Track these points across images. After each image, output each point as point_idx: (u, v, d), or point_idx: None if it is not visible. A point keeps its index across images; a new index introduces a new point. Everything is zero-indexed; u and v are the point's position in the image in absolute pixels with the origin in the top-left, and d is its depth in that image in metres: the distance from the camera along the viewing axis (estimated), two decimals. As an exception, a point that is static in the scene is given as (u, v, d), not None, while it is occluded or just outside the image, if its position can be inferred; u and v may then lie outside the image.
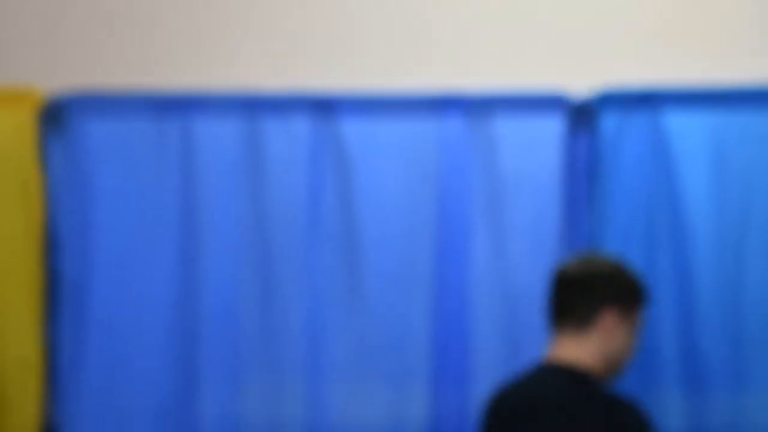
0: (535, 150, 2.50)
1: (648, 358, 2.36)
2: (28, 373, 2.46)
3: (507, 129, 2.51)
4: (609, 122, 2.44)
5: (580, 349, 1.96)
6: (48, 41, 2.57)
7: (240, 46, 2.64)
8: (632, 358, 2.03)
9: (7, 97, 2.46)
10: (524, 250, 2.47)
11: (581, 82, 2.55)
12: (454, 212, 2.51)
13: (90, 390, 2.50)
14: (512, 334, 2.47)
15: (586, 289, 1.97)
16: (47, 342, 2.50)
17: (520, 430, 1.92)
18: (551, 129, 2.49)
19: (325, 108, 2.53)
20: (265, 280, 2.54)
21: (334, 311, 2.52)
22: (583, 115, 2.48)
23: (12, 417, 2.46)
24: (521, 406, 1.94)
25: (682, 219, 2.38)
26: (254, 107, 2.54)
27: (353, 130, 2.54)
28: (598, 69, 2.55)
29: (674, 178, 2.39)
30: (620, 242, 2.38)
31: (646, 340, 2.36)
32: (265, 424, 2.52)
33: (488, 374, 2.45)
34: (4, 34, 2.56)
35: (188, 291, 2.53)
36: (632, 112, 2.42)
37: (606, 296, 1.98)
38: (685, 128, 2.41)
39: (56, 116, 2.51)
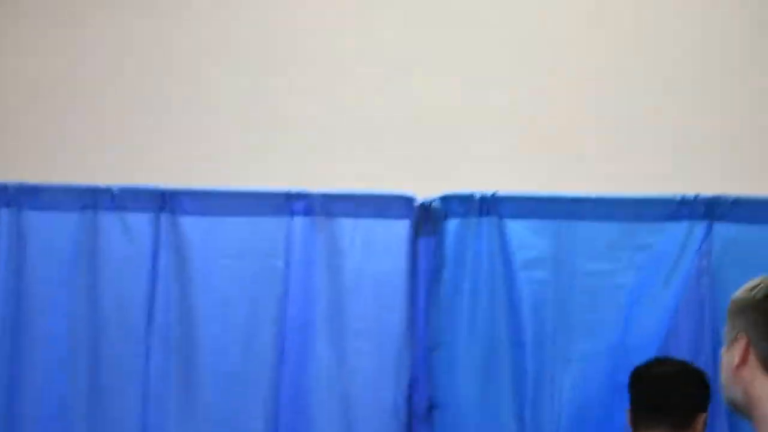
0: (381, 251, 2.48)
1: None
2: None
3: (353, 229, 2.49)
4: (452, 226, 2.45)
5: None
6: None
7: (82, 141, 2.57)
8: None
9: None
10: (366, 352, 2.42)
11: (428, 188, 2.55)
12: (296, 313, 2.45)
13: None
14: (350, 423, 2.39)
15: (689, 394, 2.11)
16: None
17: None
18: (397, 230, 2.48)
19: (166, 203, 2.46)
20: (95, 381, 2.41)
21: (167, 415, 2.39)
22: (428, 217, 2.48)
23: None
24: None
25: (518, 320, 2.39)
26: (90, 202, 2.44)
27: (195, 226, 2.48)
28: (445, 176, 2.57)
29: (513, 282, 2.40)
30: (462, 346, 2.36)
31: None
32: None
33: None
34: None
35: (13, 390, 2.37)
36: (475, 217, 2.44)
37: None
38: (526, 236, 2.43)
39: None
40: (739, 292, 1.65)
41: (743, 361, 1.62)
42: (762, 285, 1.58)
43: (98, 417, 2.39)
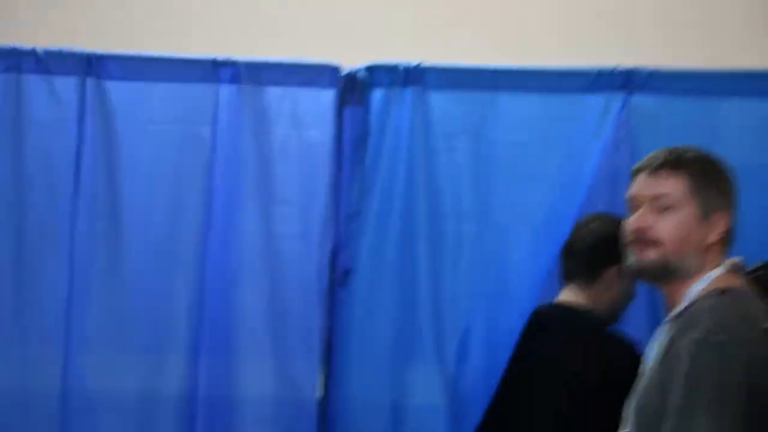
0: (307, 120, 2.51)
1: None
2: None
3: (280, 97, 2.51)
4: (378, 96, 2.48)
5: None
6: None
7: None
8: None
9: None
10: (290, 219, 2.47)
11: (355, 58, 2.56)
12: (223, 182, 2.48)
13: None
14: (276, 307, 2.46)
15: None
16: None
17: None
18: (323, 99, 2.50)
19: (92, 67, 2.45)
20: (20, 246, 2.44)
21: (92, 280, 2.44)
22: (353, 87, 2.50)
23: None
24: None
25: (436, 195, 2.44)
26: (14, 64, 2.43)
27: (121, 91, 2.48)
28: (371, 47, 2.59)
29: (433, 154, 2.45)
30: (380, 213, 2.42)
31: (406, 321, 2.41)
32: (19, 392, 2.42)
33: (250, 346, 2.44)
34: None
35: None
36: (400, 87, 2.47)
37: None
38: (449, 108, 2.47)
39: None
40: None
41: (721, 240, 1.69)
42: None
43: (24, 280, 2.43)
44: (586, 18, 2.55)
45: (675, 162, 1.73)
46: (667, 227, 1.69)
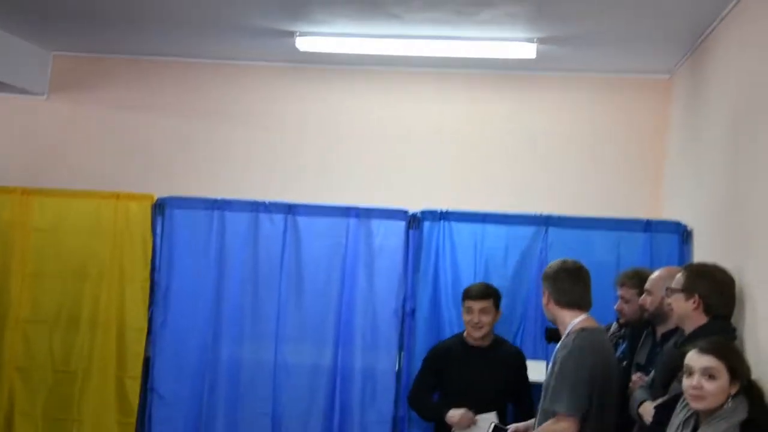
0: (391, 236, 5.14)
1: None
2: (139, 332, 5.05)
3: (378, 225, 5.17)
4: (426, 225, 5.13)
5: None
6: (161, 173, 5.23)
7: (255, 175, 5.30)
8: None
9: (139, 197, 5.12)
10: (381, 287, 5.09)
11: (415, 205, 5.21)
12: (350, 265, 5.13)
13: (165, 340, 5.07)
14: (376, 327, 5.08)
15: None
16: (149, 318, 5.08)
17: None
18: (399, 227, 5.16)
19: (291, 211, 5.17)
20: (256, 294, 5.13)
21: (288, 309, 5.10)
22: (414, 221, 5.16)
23: (129, 353, 5.03)
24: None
25: (458, 274, 5.06)
26: (255, 209, 5.17)
27: (305, 222, 5.18)
28: (423, 199, 5.23)
29: (455, 256, 5.07)
30: (429, 282, 5.04)
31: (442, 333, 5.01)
32: (252, 363, 5.08)
33: (362, 344, 5.05)
34: (146, 162, 5.23)
35: (218, 295, 5.11)
36: (437, 221, 5.11)
37: None
38: (461, 231, 5.10)
39: (161, 207, 5.15)
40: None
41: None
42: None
43: (257, 311, 5.10)
44: (529, 188, 5.20)
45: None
46: None
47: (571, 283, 3.83)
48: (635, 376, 3.88)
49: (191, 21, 4.69)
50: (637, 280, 4.24)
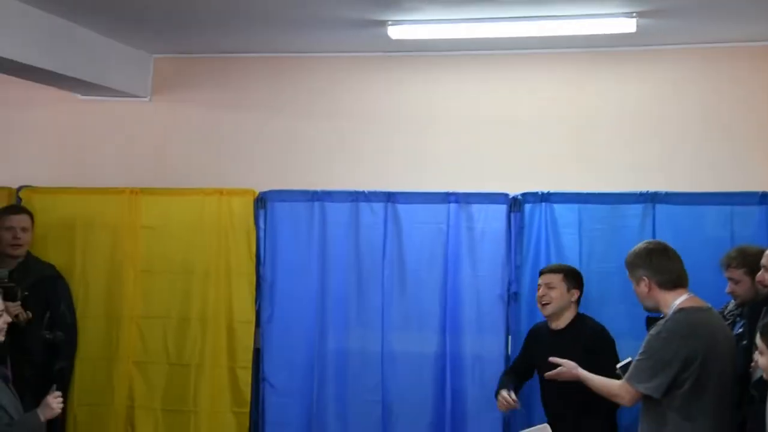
0: (493, 219, 5.09)
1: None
2: (248, 325, 5.15)
3: (479, 210, 5.13)
4: (528, 207, 5.05)
5: None
6: (262, 168, 5.33)
7: (352, 166, 5.34)
8: None
9: (242, 192, 5.23)
10: (485, 272, 5.04)
11: (516, 188, 5.14)
12: (452, 251, 5.11)
13: (273, 332, 5.16)
14: (482, 311, 5.05)
15: None
16: (257, 311, 5.18)
17: None
18: (500, 210, 5.10)
19: (390, 199, 5.17)
20: (359, 283, 5.16)
21: (392, 298, 5.12)
22: (515, 204, 5.09)
23: (239, 345, 5.15)
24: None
25: (563, 255, 4.97)
26: (355, 198, 5.19)
27: (404, 210, 5.17)
28: (524, 182, 5.15)
29: (558, 238, 4.99)
30: (531, 265, 4.97)
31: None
32: (359, 352, 5.12)
33: (466, 324, 5.02)
34: (247, 158, 5.35)
35: (322, 286, 5.17)
36: (538, 203, 5.03)
37: None
38: (564, 212, 5.01)
39: (263, 201, 5.23)
40: None
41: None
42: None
43: (363, 299, 5.13)
44: (635, 166, 5.07)
45: None
46: None
47: (667, 261, 3.77)
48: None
49: (283, 17, 4.72)
50: (742, 258, 4.15)
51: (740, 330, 4.14)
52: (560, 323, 4.48)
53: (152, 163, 5.60)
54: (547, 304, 4.46)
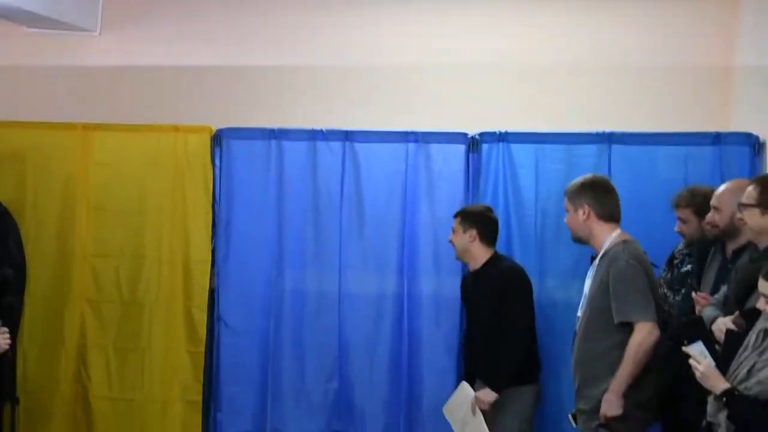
0: (452, 159, 5.07)
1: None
2: (204, 265, 5.11)
3: (438, 150, 5.10)
4: (485, 148, 5.04)
5: None
6: (218, 105, 5.22)
7: (308, 105, 5.27)
8: None
9: (198, 129, 5.14)
10: (443, 212, 5.00)
11: (474, 127, 5.12)
12: (411, 191, 5.08)
13: (229, 272, 5.12)
14: (436, 252, 5.05)
15: None
16: (212, 249, 5.12)
17: None
18: (459, 150, 5.08)
19: (349, 138, 5.12)
20: (317, 223, 5.12)
21: (350, 238, 5.09)
22: (474, 144, 5.08)
23: (195, 284, 5.10)
24: None
25: (520, 196, 4.98)
26: (313, 137, 5.13)
27: (363, 149, 5.12)
28: (483, 121, 5.14)
29: (516, 179, 4.99)
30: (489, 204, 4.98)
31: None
32: (317, 292, 5.11)
33: (423, 265, 5.03)
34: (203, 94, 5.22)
35: (279, 226, 5.12)
36: (496, 143, 5.02)
37: None
38: (521, 152, 5.01)
39: (219, 139, 5.14)
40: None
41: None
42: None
43: (321, 238, 5.11)
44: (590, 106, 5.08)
45: None
46: None
47: (609, 195, 3.95)
48: (698, 295, 3.79)
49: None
50: (691, 198, 4.22)
51: (688, 267, 4.23)
52: (476, 265, 4.54)
53: (105, 98, 5.45)
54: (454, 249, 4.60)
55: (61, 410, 5.19)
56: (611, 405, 3.72)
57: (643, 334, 3.70)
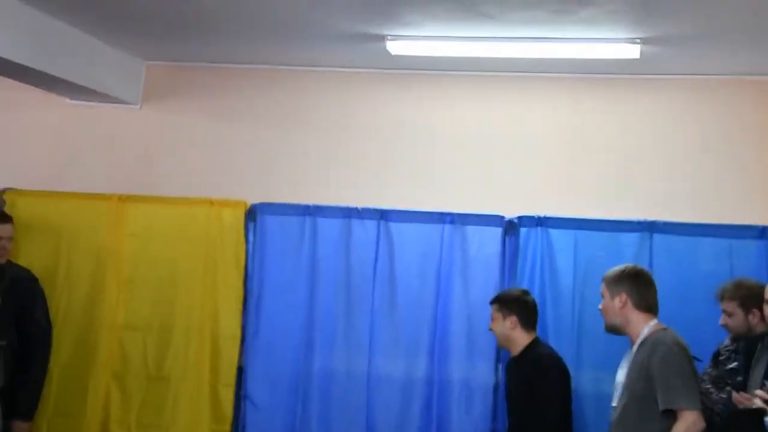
0: (487, 243, 4.99)
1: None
2: (233, 341, 5.02)
3: (474, 232, 5.02)
4: (523, 231, 4.95)
5: None
6: (254, 181, 5.22)
7: (346, 181, 5.24)
8: None
9: (233, 203, 5.12)
10: (477, 296, 4.91)
11: (512, 211, 5.05)
12: (445, 273, 4.99)
13: (258, 349, 5.02)
14: (469, 337, 4.93)
15: None
16: (242, 324, 5.04)
17: None
18: (495, 233, 5.00)
19: (384, 217, 5.07)
20: (348, 302, 5.04)
21: (382, 318, 5.00)
22: (511, 227, 5.00)
23: (223, 361, 5.00)
24: None
25: (558, 281, 4.87)
26: (347, 215, 5.08)
27: (397, 229, 5.07)
28: (520, 206, 5.06)
29: (553, 262, 4.89)
30: (527, 285, 4.85)
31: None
32: (344, 373, 4.99)
33: (455, 349, 4.90)
34: (239, 169, 5.24)
35: (311, 303, 5.04)
36: (534, 227, 4.94)
37: None
38: (560, 237, 4.91)
39: (253, 214, 5.11)
40: None
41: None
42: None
43: (351, 317, 5.02)
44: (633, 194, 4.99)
45: None
46: None
47: (649, 286, 3.87)
48: (740, 396, 3.60)
49: (280, 28, 4.63)
50: (736, 291, 4.12)
51: (734, 365, 4.07)
52: (517, 350, 4.44)
53: (140, 170, 5.48)
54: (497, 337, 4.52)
55: (82, 488, 5.07)
56: None
57: (688, 424, 3.52)
